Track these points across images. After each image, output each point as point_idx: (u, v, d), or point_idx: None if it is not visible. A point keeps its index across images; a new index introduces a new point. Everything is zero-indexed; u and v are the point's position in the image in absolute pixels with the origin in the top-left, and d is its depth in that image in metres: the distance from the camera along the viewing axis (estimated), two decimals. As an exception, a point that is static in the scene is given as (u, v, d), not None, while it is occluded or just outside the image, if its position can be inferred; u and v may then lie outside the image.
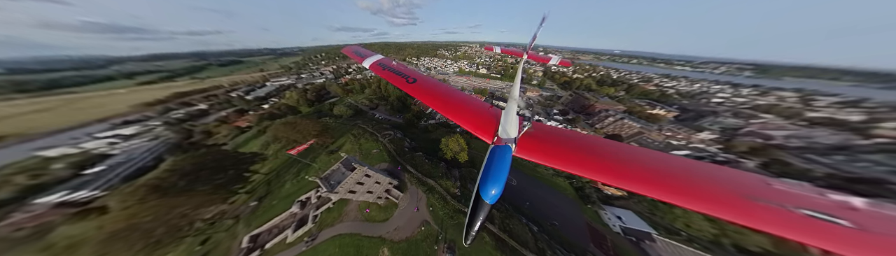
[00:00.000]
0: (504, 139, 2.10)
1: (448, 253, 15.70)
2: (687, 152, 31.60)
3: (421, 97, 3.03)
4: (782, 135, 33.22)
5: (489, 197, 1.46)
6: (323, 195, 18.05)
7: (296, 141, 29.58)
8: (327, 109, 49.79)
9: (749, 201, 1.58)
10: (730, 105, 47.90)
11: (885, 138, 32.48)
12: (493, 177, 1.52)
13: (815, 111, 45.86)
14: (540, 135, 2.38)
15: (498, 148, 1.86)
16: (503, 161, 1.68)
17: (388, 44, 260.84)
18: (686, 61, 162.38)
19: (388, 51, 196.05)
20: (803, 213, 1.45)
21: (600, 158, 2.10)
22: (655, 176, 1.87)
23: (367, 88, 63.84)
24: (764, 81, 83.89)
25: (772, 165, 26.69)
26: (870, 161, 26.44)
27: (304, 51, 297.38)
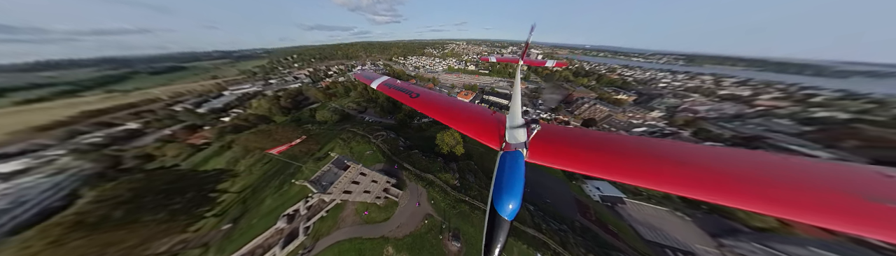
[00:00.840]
0: (513, 144, 1.90)
1: (454, 241, 15.91)
2: (644, 128, 38.26)
3: (424, 110, 3.05)
4: (704, 109, 46.96)
5: (507, 213, 1.23)
6: (315, 197, 16.87)
7: None
8: (308, 116, 47.60)
9: (874, 203, 1.10)
10: (670, 88, 63.19)
11: (762, 106, 49.51)
12: (508, 189, 1.32)
13: (723, 89, 65.03)
14: (551, 137, 2.11)
15: (508, 155, 1.64)
16: (516, 169, 1.47)
17: (371, 44, 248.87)
18: (639, 53, 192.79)
19: (372, 51, 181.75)
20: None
21: (635, 159, 1.71)
22: (724, 177, 1.39)
23: (352, 91, 60.29)
24: (691, 68, 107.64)
25: (699, 133, 36.75)
26: (754, 123, 39.13)
27: (270, 53, 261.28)
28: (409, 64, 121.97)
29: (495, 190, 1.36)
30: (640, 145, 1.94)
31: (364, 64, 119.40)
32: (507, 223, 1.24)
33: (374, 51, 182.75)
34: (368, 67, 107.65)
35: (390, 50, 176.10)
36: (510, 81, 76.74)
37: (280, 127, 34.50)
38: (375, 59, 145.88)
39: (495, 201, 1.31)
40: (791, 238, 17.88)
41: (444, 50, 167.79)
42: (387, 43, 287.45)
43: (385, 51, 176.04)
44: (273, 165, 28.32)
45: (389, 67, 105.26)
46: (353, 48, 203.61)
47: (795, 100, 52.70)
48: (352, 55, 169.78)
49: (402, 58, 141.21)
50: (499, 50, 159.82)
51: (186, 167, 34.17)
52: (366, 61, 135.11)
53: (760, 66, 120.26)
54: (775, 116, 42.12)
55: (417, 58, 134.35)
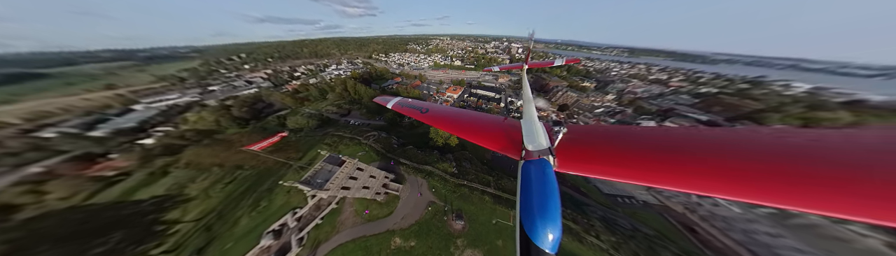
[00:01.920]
0: (534, 152, 1.53)
1: (457, 219, 17.13)
2: (602, 109, 47.52)
3: (435, 124, 2.93)
4: (640, 91, 59.42)
5: (548, 244, 0.88)
6: (312, 194, 16.29)
7: (240, 167, 22.91)
8: (277, 124, 41.18)
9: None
10: (619, 75, 77.34)
11: (673, 86, 65.48)
12: (543, 212, 0.95)
13: (652, 75, 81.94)
14: (581, 139, 1.69)
15: (530, 165, 1.31)
16: (546, 183, 1.12)
17: (344, 40, 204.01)
18: (597, 47, 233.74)
19: (347, 48, 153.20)
20: None
21: (690, 158, 1.25)
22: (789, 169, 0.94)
23: (329, 93, 53.95)
24: (632, 59, 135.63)
25: (637, 109, 47.63)
26: (668, 99, 53.67)
27: (201, 52, 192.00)
28: (392, 61, 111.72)
29: (525, 214, 0.98)
30: (698, 139, 1.40)
31: (339, 63, 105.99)
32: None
33: (350, 47, 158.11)
34: (345, 66, 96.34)
35: (369, 46, 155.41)
36: (495, 75, 78.13)
37: (245, 134, 30.65)
38: (353, 57, 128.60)
39: (527, 228, 0.92)
40: None
41: (428, 45, 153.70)
42: (364, 39, 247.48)
43: (363, 47, 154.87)
44: (239, 184, 23.95)
45: (370, 66, 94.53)
46: (323, 45, 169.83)
47: (690, 81, 73.40)
48: (322, 53, 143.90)
49: (384, 54, 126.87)
50: (482, 45, 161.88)
51: (109, 200, 25.41)
52: (341, 59, 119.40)
53: (673, 57, 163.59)
54: (680, 93, 57.68)
55: (400, 55, 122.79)
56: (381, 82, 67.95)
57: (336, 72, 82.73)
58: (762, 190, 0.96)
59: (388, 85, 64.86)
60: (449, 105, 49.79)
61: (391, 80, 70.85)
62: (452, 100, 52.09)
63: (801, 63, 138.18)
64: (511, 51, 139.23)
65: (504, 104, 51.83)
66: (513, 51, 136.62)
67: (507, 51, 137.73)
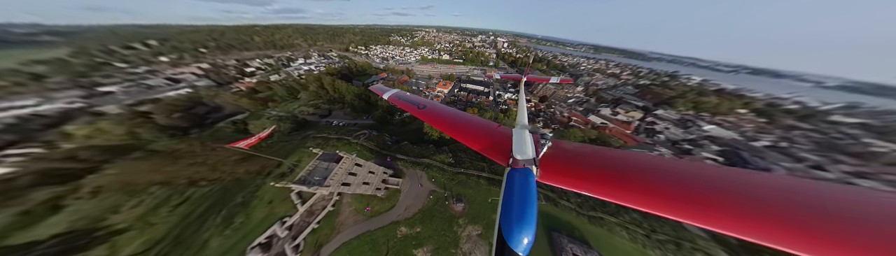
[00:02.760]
0: (521, 160, 1.64)
1: (457, 203, 18.50)
2: (574, 99, 55.22)
3: (430, 121, 3.02)
4: (601, 83, 70.00)
5: (521, 247, 0.98)
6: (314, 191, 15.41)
7: (194, 182, 17.44)
8: (234, 131, 32.99)
9: None
10: (586, 70, 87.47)
11: (623, 79, 76.97)
12: (520, 217, 1.06)
13: (609, 69, 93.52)
14: (565, 155, 1.89)
15: (516, 173, 1.44)
16: (526, 190, 1.25)
17: (310, 29, 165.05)
18: (570, 44, 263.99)
19: (316, 39, 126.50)
20: None
21: (660, 183, 1.45)
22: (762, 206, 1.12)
23: (301, 92, 45.66)
24: (596, 56, 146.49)
25: (598, 99, 55.29)
26: (620, 90, 63.58)
27: (68, 34, 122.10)
28: (374, 54, 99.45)
29: (504, 218, 1.10)
30: (664, 167, 1.63)
31: (307, 56, 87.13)
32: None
33: (320, 38, 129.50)
34: (317, 60, 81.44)
35: (344, 37, 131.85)
36: (483, 69, 79.99)
37: (195, 143, 23.94)
38: (324, 50, 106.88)
39: (505, 231, 1.04)
40: None
41: (413, 38, 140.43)
42: (335, 27, 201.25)
43: (337, 38, 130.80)
44: (195, 204, 19.01)
45: (347, 59, 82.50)
46: (282, 33, 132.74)
47: (634, 75, 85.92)
48: (283, 43, 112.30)
49: (364, 47, 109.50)
50: (470, 38, 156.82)
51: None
52: (310, 52, 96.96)
53: (624, 54, 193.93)
54: (627, 85, 69.14)
55: (383, 48, 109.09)
56: (364, 78, 62.17)
57: (306, 67, 70.58)
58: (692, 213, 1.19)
59: (373, 81, 60.09)
60: (440, 100, 49.81)
61: (376, 76, 64.55)
62: (443, 96, 51.62)
63: (697, 61, 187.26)
64: (497, 45, 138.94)
65: (492, 97, 52.99)
66: (499, 45, 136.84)
67: (494, 46, 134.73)
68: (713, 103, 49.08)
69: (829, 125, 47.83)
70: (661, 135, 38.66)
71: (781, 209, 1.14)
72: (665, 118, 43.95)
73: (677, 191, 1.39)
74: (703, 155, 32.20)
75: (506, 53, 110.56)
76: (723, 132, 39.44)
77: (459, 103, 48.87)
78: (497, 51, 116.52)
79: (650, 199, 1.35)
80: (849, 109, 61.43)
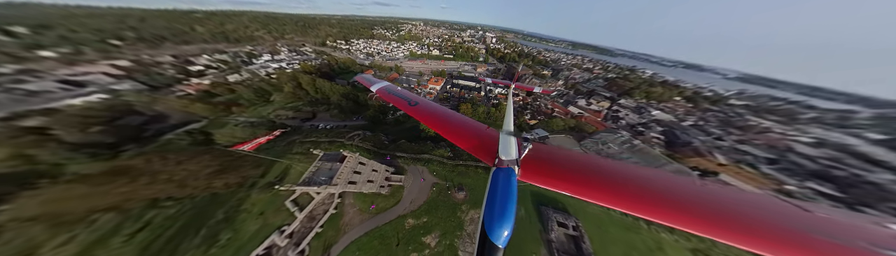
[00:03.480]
0: (505, 160, 1.85)
1: (459, 192, 19.89)
2: (556, 92, 60.57)
3: (422, 119, 3.04)
4: (578, 77, 76.58)
5: (500, 240, 1.14)
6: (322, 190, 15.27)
7: (155, 203, 14.74)
8: (191, 143, 26.36)
9: (812, 237, 1.21)
10: (566, 65, 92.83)
11: (596, 73, 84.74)
12: (501, 213, 1.23)
13: (585, 64, 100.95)
14: (543, 157, 2.15)
15: (501, 172, 1.63)
16: (509, 188, 1.42)
17: (273, 18, 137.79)
18: (552, 40, 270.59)
19: (283, 31, 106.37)
20: (883, 252, 1.14)
21: (615, 182, 1.85)
22: (683, 204, 1.54)
23: (274, 94, 40.42)
24: (574, 52, 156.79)
25: (576, 92, 60.94)
26: (593, 83, 69.25)
27: None
28: (357, 50, 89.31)
29: (487, 213, 1.28)
30: (631, 172, 2.00)
31: (275, 51, 72.16)
32: (499, 250, 1.15)
33: (288, 29, 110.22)
34: (287, 56, 69.21)
35: (319, 29, 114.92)
36: (473, 65, 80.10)
37: (154, 157, 19.06)
38: (295, 44, 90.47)
39: (487, 225, 1.20)
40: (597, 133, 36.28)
41: (399, 31, 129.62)
42: (305, 17, 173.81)
43: (309, 30, 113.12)
44: (161, 228, 16.02)
45: (326, 55, 72.35)
46: (235, 22, 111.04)
47: (604, 69, 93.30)
48: (239, 35, 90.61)
49: (343, 41, 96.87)
50: (459, 33, 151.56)
51: None
52: (278, 47, 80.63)
53: (596, 51, 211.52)
54: (599, 78, 75.55)
55: (367, 42, 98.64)
56: (348, 76, 57.59)
57: (274, 64, 60.76)
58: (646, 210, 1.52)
59: None
60: (433, 97, 49.43)
61: (361, 74, 61.82)
62: (436, 92, 51.22)
63: (650, 57, 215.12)
64: (486, 40, 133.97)
65: (484, 93, 53.47)
66: (488, 40, 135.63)
67: (483, 41, 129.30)
68: (659, 92, 60.64)
69: (728, 107, 64.19)
70: (622, 121, 46.75)
71: (666, 197, 1.59)
72: (625, 106, 52.11)
73: (620, 189, 1.77)
74: (650, 135, 39.92)
75: (495, 49, 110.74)
76: (664, 116, 49.40)
77: (452, 99, 49.08)
78: (486, 46, 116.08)
79: (603, 195, 1.68)
80: (739, 95, 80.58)
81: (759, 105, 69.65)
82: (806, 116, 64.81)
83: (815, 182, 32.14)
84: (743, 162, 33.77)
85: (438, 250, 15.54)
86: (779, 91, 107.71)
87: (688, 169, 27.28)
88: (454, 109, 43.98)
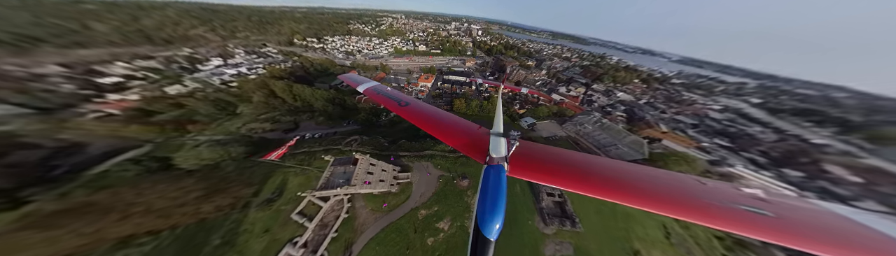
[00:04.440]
0: (495, 158, 2.04)
1: (463, 180, 21.72)
2: (541, 82, 64.13)
3: (413, 120, 3.03)
4: (558, 66, 79.54)
5: (492, 233, 1.26)
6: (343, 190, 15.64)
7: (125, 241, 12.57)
8: (144, 171, 21.38)
9: (703, 201, 1.69)
10: (548, 55, 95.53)
11: (573, 61, 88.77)
12: (492, 208, 1.36)
13: (564, 54, 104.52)
14: (529, 154, 2.34)
15: (491, 169, 1.80)
16: (499, 184, 1.57)
17: (212, 10, 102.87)
18: (534, 30, 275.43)
19: (234, 28, 78.16)
20: (741, 208, 1.61)
21: (589, 174, 2.15)
22: (628, 186, 1.93)
23: (240, 106, 34.18)
24: (554, 42, 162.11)
25: (557, 80, 64.98)
26: (571, 71, 72.55)
27: None
28: (333, 48, 76.21)
29: (480, 209, 1.40)
30: (600, 164, 2.37)
31: (227, 54, 54.54)
32: (491, 243, 1.26)
33: (239, 26, 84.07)
34: (245, 59, 53.23)
35: (281, 25, 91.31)
36: (462, 59, 78.81)
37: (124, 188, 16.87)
38: (253, 44, 70.70)
39: (480, 220, 1.32)
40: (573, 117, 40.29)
41: (379, 25, 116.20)
42: (260, 10, 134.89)
43: (268, 26, 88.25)
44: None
45: (297, 57, 59.78)
46: (156, 16, 76.34)
47: (580, 58, 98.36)
48: (166, 34, 64.29)
49: (315, 39, 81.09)
50: (443, 26, 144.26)
51: None
52: (229, 47, 61.03)
53: (573, 40, 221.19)
54: (576, 66, 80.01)
55: (343, 39, 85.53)
56: (329, 79, 49.83)
57: (231, 70, 46.60)
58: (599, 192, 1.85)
59: (341, 82, 48.10)
60: (425, 95, 48.66)
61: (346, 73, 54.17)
62: (428, 90, 49.49)
63: (616, 45, 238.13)
64: (472, 33, 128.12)
65: (475, 87, 52.22)
66: (474, 33, 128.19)
67: (469, 34, 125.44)
68: (623, 76, 68.88)
69: (670, 85, 75.51)
70: (595, 104, 52.94)
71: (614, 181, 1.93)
72: (597, 90, 58.58)
73: (594, 179, 2.07)
74: (616, 114, 45.94)
75: (481, 41, 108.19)
76: (626, 96, 57.22)
77: (445, 96, 48.56)
78: (473, 39, 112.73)
79: (574, 184, 1.97)
80: (678, 75, 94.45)
81: (690, 82, 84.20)
82: (718, 89, 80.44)
83: (719, 138, 42.89)
84: (677, 129, 43.33)
85: (451, 232, 17.12)
86: (703, 70, 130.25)
87: (641, 139, 32.69)
88: (448, 105, 42.76)
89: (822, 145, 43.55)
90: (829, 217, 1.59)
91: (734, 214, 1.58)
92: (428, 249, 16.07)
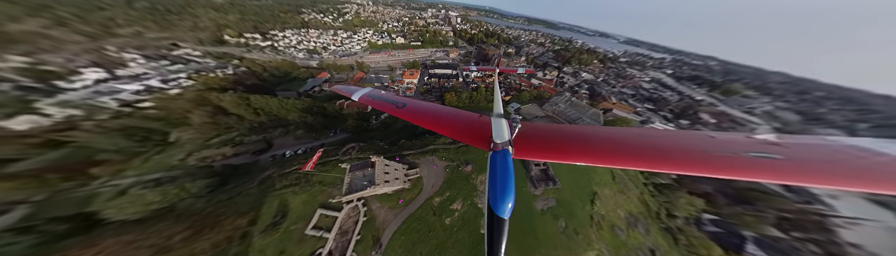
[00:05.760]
0: (499, 143, 1.95)
1: (467, 165, 24.01)
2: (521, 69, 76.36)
3: (413, 120, 3.00)
4: (534, 52, 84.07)
5: (505, 212, 1.29)
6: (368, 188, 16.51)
7: None
8: (56, 240, 15.57)
9: (711, 154, 1.67)
10: (525, 41, 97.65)
11: (546, 47, 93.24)
12: (502, 189, 1.37)
13: (539, 39, 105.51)
14: (533, 134, 2.33)
15: (497, 155, 1.74)
16: (506, 168, 1.56)
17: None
18: (511, 16, 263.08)
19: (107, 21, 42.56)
20: (751, 156, 1.59)
21: (594, 145, 2.14)
22: (640, 151, 1.91)
23: (173, 132, 25.47)
24: (529, 27, 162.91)
25: (535, 66, 68.06)
26: (545, 56, 78.34)
27: None
28: (287, 46, 58.98)
29: (491, 192, 1.42)
30: (609, 133, 2.42)
31: (113, 64, 33.24)
32: (505, 221, 1.30)
33: (118, 16, 47.60)
34: (146, 69, 35.59)
35: (197, 16, 58.51)
36: (445, 50, 74.52)
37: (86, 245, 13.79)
38: (156, 45, 44.85)
39: (492, 202, 1.36)
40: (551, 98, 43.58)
41: (342, 15, 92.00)
42: None
43: (172, 18, 54.48)
44: None
45: (237, 60, 44.67)
46: None
47: (553, 43, 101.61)
48: None
49: (259, 35, 59.60)
50: (419, 13, 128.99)
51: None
52: (111, 52, 36.49)
53: (546, 25, 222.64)
54: (550, 51, 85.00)
55: (301, 34, 66.20)
56: (296, 85, 41.35)
57: (132, 85, 32.49)
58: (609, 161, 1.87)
59: (313, 87, 40.23)
60: (412, 92, 47.55)
61: (313, 80, 42.13)
62: (415, 87, 46.19)
63: (580, 28, 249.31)
64: (451, 20, 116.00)
65: (462, 78, 51.41)
66: (453, 20, 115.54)
67: (448, 22, 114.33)
68: (586, 58, 75.10)
69: (619, 64, 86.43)
70: (566, 85, 59.11)
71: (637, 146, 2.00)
72: (566, 73, 64.80)
73: (600, 149, 2.08)
74: (581, 92, 52.39)
75: (462, 30, 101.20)
76: (589, 76, 65.20)
77: (434, 91, 47.18)
78: (452, 28, 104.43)
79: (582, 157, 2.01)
80: (624, 54, 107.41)
81: (632, 60, 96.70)
82: (648, 64, 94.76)
83: (648, 103, 56.62)
84: (622, 100, 53.99)
85: (464, 209, 19.55)
86: (640, 49, 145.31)
87: (599, 111, 39.02)
88: (440, 100, 42.29)
89: (700, 100, 62.89)
90: (844, 151, 1.59)
91: (741, 162, 1.59)
92: (447, 228, 18.11)
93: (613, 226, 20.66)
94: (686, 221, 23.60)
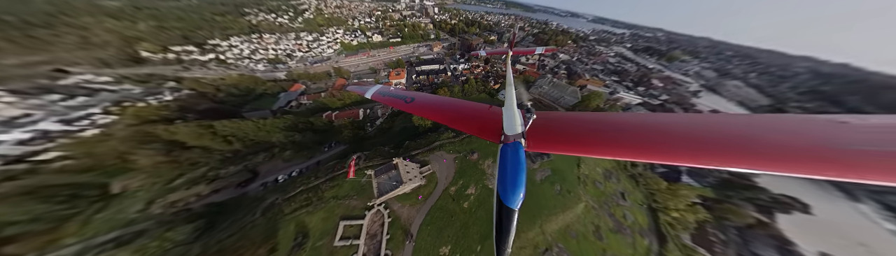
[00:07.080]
0: (511, 136, 1.81)
1: (473, 154, 25.09)
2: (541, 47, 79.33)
3: (422, 114, 2.92)
4: (517, 35, 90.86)
5: (515, 203, 1.24)
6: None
7: None
8: None
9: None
10: (505, 26, 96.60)
11: (526, 31, 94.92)
12: (512, 181, 1.32)
13: (518, 23, 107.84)
14: (549, 124, 2.05)
15: (507, 147, 1.59)
16: (517, 160, 1.45)
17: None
18: (487, 2, 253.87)
19: None
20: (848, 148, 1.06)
21: (628, 135, 1.70)
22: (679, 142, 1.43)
23: (114, 181, 19.75)
24: (507, 11, 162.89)
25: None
26: (527, 41, 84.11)
27: None
28: (240, 57, 48.76)
29: (500, 184, 1.34)
30: (632, 121, 1.91)
31: None
32: (514, 212, 1.26)
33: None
34: (26, 108, 24.58)
35: (87, 27, 38.58)
36: (428, 45, 68.27)
37: None
38: (21, 75, 29.78)
39: (501, 193, 1.29)
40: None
41: (300, 14, 74.82)
42: None
43: (41, 33, 35.28)
44: None
45: (174, 82, 35.76)
46: None
47: (531, 26, 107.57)
48: None
49: (192, 45, 45.25)
50: (392, 5, 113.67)
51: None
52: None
53: (523, 8, 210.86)
54: (529, 35, 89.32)
55: (252, 41, 54.74)
56: (266, 103, 36.25)
57: (15, 133, 22.31)
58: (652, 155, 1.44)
59: (289, 103, 36.34)
60: None
61: (286, 94, 37.60)
62: (404, 86, 43.72)
63: (553, 10, 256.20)
64: (428, 11, 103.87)
65: (450, 73, 49.72)
66: (430, 11, 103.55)
67: (425, 13, 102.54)
68: (561, 39, 79.39)
69: (589, 42, 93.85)
70: (547, 67, 62.49)
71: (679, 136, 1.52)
72: (545, 55, 68.38)
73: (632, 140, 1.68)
74: (560, 72, 55.88)
75: (441, 21, 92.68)
76: (565, 56, 70.63)
77: (425, 88, 45.14)
78: (431, 19, 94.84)
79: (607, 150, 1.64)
80: (593, 32, 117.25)
81: (599, 37, 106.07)
82: (612, 40, 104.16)
83: (614, 76, 63.33)
84: (595, 76, 58.61)
85: (477, 193, 21.03)
86: (605, 26, 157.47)
87: (576, 88, 40.11)
88: None
89: (652, 68, 73.31)
90: None
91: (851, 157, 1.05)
92: (466, 211, 19.54)
93: (595, 181, 25.64)
94: (644, 167, 30.48)
